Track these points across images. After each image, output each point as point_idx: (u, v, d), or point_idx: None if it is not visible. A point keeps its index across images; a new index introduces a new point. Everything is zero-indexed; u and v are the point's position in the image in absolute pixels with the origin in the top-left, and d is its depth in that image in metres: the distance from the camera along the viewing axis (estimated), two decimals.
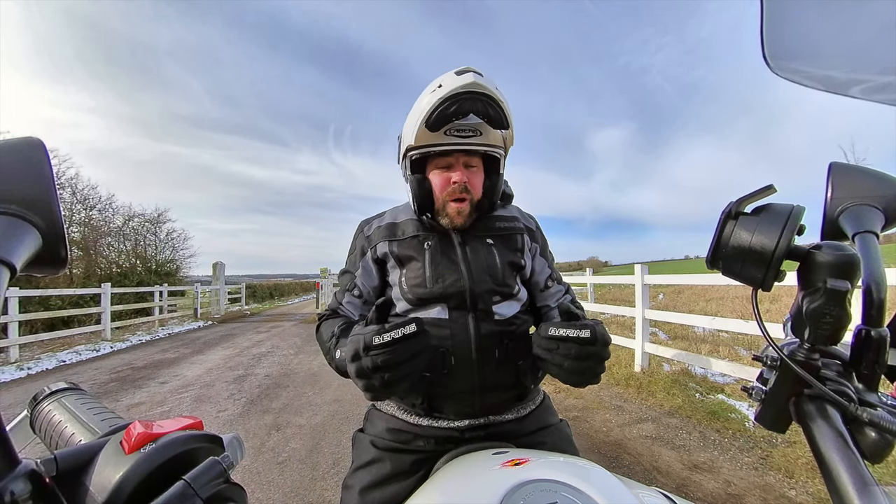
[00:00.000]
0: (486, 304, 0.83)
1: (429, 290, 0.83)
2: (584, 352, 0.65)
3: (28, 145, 0.32)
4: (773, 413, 0.43)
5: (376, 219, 0.99)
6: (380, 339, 0.60)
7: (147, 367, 5.72)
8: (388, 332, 0.60)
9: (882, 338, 0.36)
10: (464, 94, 0.77)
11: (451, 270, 0.85)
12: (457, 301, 0.83)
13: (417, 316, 0.84)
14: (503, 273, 0.87)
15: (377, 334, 0.60)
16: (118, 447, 0.34)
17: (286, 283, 33.27)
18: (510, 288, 0.87)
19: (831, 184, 0.42)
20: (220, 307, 14.31)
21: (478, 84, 0.77)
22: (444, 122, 0.80)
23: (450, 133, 0.83)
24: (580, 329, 0.65)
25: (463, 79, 0.77)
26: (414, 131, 0.83)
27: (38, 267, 0.33)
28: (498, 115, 0.82)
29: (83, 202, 12.90)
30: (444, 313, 0.83)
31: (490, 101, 0.80)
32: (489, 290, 0.84)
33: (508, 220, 0.96)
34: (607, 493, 0.43)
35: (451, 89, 0.77)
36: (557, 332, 0.66)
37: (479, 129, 0.83)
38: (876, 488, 0.31)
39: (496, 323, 0.83)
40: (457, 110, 0.78)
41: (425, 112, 0.80)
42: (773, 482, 2.27)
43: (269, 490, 2.35)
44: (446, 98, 0.77)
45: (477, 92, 0.78)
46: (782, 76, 0.47)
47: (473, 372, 0.79)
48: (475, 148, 0.86)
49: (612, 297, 13.25)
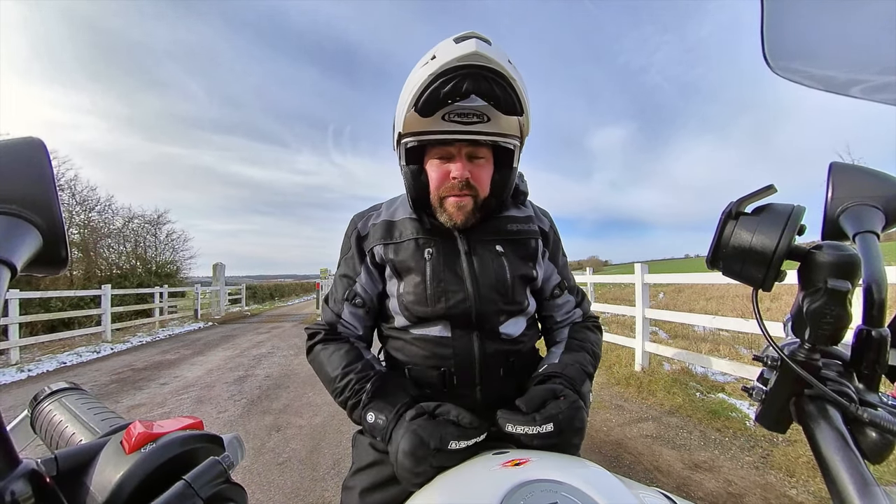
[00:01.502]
0: (492, 324, 0.77)
1: (430, 311, 0.75)
2: (548, 443, 0.61)
3: (28, 145, 0.32)
4: (773, 413, 0.43)
5: (371, 214, 0.87)
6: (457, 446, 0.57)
7: (147, 369, 5.71)
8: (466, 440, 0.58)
9: (883, 338, 0.36)
10: (463, 67, 0.60)
11: (456, 287, 0.75)
12: (461, 321, 0.76)
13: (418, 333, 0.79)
14: (513, 289, 0.78)
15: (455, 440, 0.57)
16: (118, 447, 0.34)
17: (286, 284, 33.25)
18: (519, 305, 0.79)
19: (832, 184, 0.42)
20: (221, 308, 14.31)
21: (480, 55, 0.59)
22: (439, 105, 0.64)
23: (449, 118, 0.68)
24: (541, 423, 0.60)
25: (462, 47, 0.60)
26: (403, 115, 0.68)
27: (39, 267, 0.33)
28: (508, 96, 0.63)
29: (82, 204, 12.91)
30: (447, 331, 0.76)
31: (498, 78, 0.62)
32: (497, 310, 0.77)
33: (522, 221, 0.84)
34: (608, 494, 0.43)
35: (445, 61, 0.60)
36: (514, 430, 0.62)
37: (486, 112, 0.68)
38: (876, 488, 0.31)
39: (502, 342, 0.78)
40: (453, 89, 0.61)
41: (414, 92, 0.64)
42: (773, 481, 2.27)
43: (270, 491, 2.34)
44: (440, 73, 0.61)
45: (480, 66, 0.60)
46: (782, 76, 0.47)
47: (476, 392, 0.77)
48: (480, 138, 0.70)
49: (613, 296, 13.24)
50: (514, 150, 0.75)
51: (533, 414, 0.62)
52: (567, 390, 0.68)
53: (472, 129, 0.69)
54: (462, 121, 0.68)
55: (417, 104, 0.65)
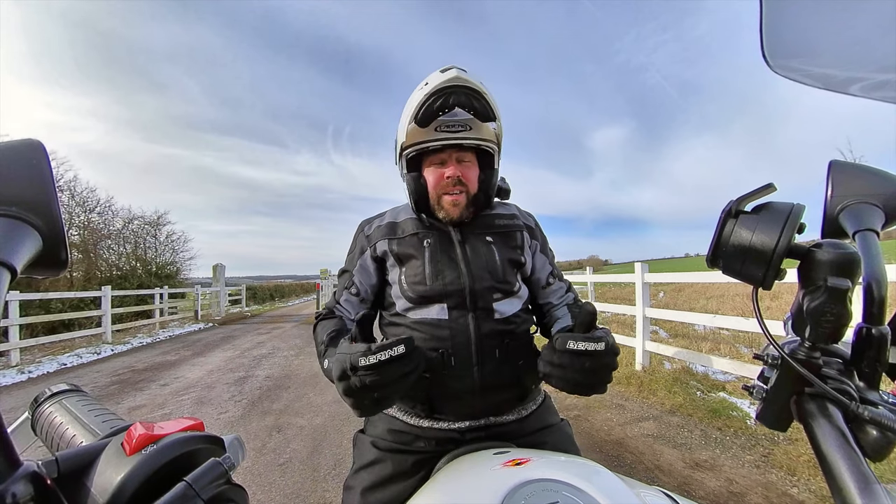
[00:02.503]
0: (486, 301, 0.84)
1: (429, 288, 0.84)
2: (598, 363, 0.66)
3: (28, 147, 0.32)
4: (774, 412, 0.43)
5: (377, 218, 1.01)
6: (366, 361, 0.58)
7: (148, 370, 5.72)
8: (374, 354, 0.58)
9: (883, 336, 0.36)
10: (448, 88, 0.80)
11: (451, 268, 0.86)
12: (457, 299, 0.83)
13: (417, 316, 0.85)
14: (503, 270, 0.88)
15: (363, 356, 0.59)
16: (119, 448, 0.34)
17: (286, 285, 33.28)
18: (510, 285, 0.88)
19: (831, 182, 0.42)
20: (221, 309, 14.31)
21: (460, 78, 0.80)
22: (432, 117, 0.83)
23: (440, 129, 0.86)
24: (596, 342, 0.65)
25: (446, 74, 0.80)
26: (405, 129, 0.87)
27: (39, 269, 0.33)
28: (483, 107, 0.83)
29: (82, 205, 12.89)
30: (444, 313, 0.83)
31: (474, 94, 0.81)
32: (489, 287, 0.85)
33: (507, 217, 0.97)
34: (609, 493, 0.43)
35: (435, 85, 0.80)
36: (577, 347, 0.65)
37: (468, 124, 0.86)
38: (877, 486, 0.31)
39: (496, 322, 0.84)
40: (442, 104, 0.81)
41: (413, 108, 0.83)
42: (775, 480, 2.27)
43: (271, 492, 2.35)
44: (432, 93, 0.80)
45: (460, 86, 0.80)
46: (781, 74, 0.47)
47: (473, 372, 0.79)
48: (465, 142, 0.87)
49: (613, 295, 13.25)
50: (493, 154, 0.93)
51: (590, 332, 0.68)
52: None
53: (459, 136, 0.86)
54: (450, 131, 0.86)
55: (417, 117, 0.83)
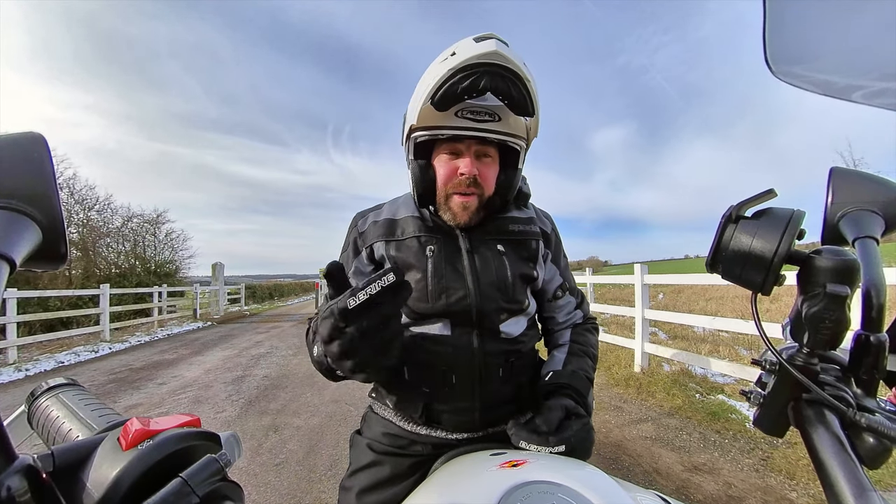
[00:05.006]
0: (492, 322, 0.76)
1: (431, 307, 0.75)
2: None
3: (29, 140, 0.32)
4: (771, 417, 0.43)
5: (372, 212, 0.88)
6: (355, 302, 0.47)
7: (146, 369, 5.70)
8: (363, 290, 0.47)
9: (881, 343, 0.36)
10: (481, 65, 0.62)
11: (457, 284, 0.75)
12: (461, 318, 0.76)
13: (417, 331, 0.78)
14: (514, 288, 0.78)
15: (352, 295, 0.47)
16: (115, 443, 0.34)
17: (286, 284, 33.24)
18: (520, 304, 0.79)
19: (832, 188, 0.42)
20: (220, 308, 14.28)
21: (500, 55, 0.62)
22: (455, 101, 0.66)
23: (462, 114, 0.69)
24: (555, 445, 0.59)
25: (483, 46, 0.62)
26: (418, 108, 0.70)
27: (38, 262, 0.33)
28: (522, 97, 0.66)
29: (81, 203, 12.90)
30: (447, 330, 0.76)
31: (514, 79, 0.64)
32: (497, 308, 0.76)
33: (524, 222, 0.85)
34: (605, 496, 0.43)
35: (465, 58, 0.62)
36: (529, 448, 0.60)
37: (497, 112, 0.70)
38: (874, 494, 0.30)
39: (502, 342, 0.77)
40: (471, 86, 0.63)
41: (432, 86, 0.65)
42: (774, 484, 2.27)
43: (266, 492, 2.34)
44: (459, 69, 0.63)
45: (498, 65, 0.63)
46: (784, 80, 0.47)
47: (475, 390, 0.76)
48: (491, 136, 0.72)
49: (612, 296, 13.23)
50: (519, 152, 0.78)
51: (547, 435, 0.62)
52: (579, 408, 0.69)
53: (484, 127, 0.71)
54: (474, 118, 0.70)
55: (434, 98, 0.66)
